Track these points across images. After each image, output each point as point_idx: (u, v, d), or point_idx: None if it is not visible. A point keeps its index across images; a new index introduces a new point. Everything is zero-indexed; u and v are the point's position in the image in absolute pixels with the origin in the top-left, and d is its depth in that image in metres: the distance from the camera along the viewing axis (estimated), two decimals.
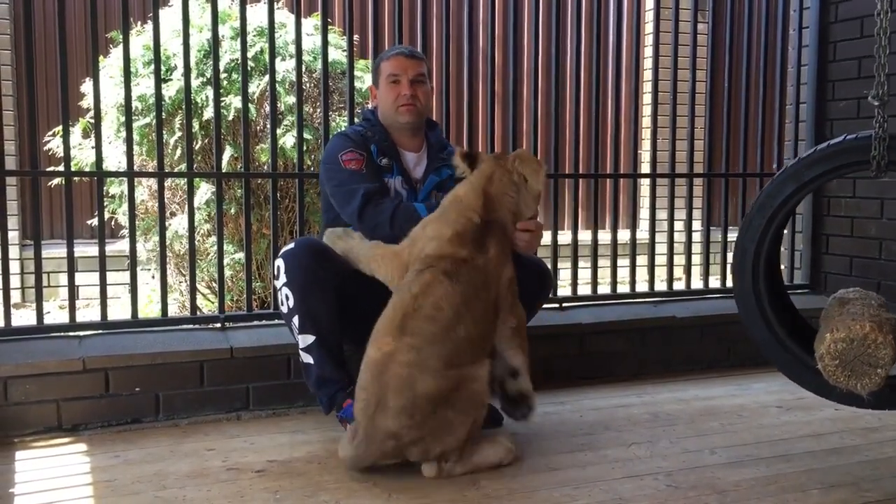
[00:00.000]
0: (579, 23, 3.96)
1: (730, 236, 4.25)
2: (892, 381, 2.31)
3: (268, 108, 3.48)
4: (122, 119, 3.41)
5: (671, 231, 4.10)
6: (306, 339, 2.70)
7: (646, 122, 6.45)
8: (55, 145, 4.29)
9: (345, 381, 2.72)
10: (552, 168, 3.91)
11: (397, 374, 2.35)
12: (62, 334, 3.15)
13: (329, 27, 3.66)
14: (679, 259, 4.30)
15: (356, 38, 3.93)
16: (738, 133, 4.27)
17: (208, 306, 4.39)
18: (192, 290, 3.39)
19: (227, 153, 4.05)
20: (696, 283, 4.24)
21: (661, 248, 4.30)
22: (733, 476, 2.54)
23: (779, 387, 3.47)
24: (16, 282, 5.39)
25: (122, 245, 4.37)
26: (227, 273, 4.04)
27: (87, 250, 4.61)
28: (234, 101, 4.03)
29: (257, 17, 4.17)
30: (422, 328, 2.38)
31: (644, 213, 6.59)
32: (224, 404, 3.06)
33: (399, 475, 2.46)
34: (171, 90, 4.03)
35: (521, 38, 6.11)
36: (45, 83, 5.68)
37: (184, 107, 3.33)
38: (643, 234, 4.50)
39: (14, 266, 5.24)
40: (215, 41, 3.29)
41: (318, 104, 4.05)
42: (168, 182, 4.15)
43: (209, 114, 3.96)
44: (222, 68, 4.01)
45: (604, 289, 4.08)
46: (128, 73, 3.19)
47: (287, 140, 4.03)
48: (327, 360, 2.70)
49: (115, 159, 4.13)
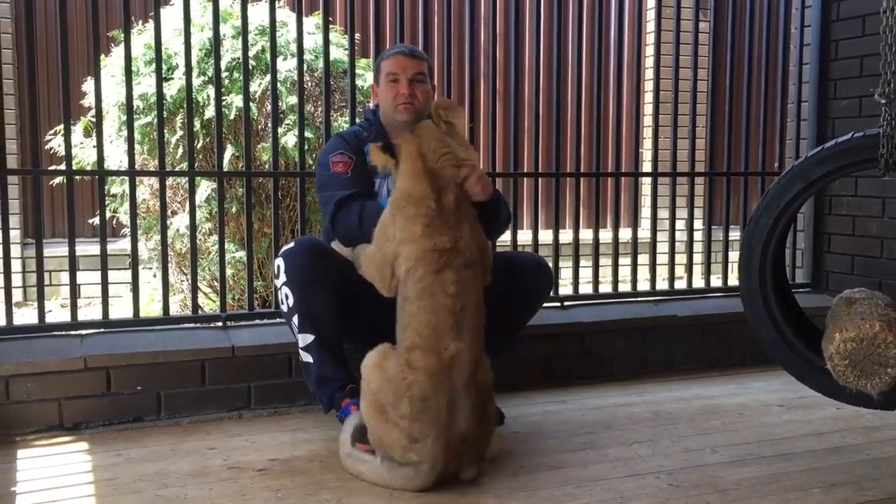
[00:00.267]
0: (580, 20, 3.96)
1: (731, 235, 4.26)
2: None
3: (269, 107, 3.48)
4: (124, 118, 3.42)
5: (673, 230, 4.09)
6: (306, 339, 2.71)
7: (647, 120, 6.44)
8: (56, 144, 4.29)
9: (345, 381, 2.73)
10: (553, 167, 3.91)
11: (463, 374, 2.35)
12: (64, 333, 3.15)
13: (330, 26, 3.66)
14: (680, 258, 4.30)
15: (357, 36, 3.93)
16: (739, 131, 4.27)
17: (210, 305, 4.39)
18: (194, 288, 3.39)
19: (229, 152, 4.06)
20: (698, 282, 4.24)
21: (662, 247, 4.30)
22: (735, 475, 2.54)
23: (780, 385, 3.47)
24: (17, 280, 5.39)
25: (123, 244, 4.37)
26: (229, 272, 4.04)
27: (88, 249, 4.61)
28: (236, 100, 4.03)
29: (258, 15, 4.17)
30: (473, 325, 2.40)
31: (645, 211, 6.55)
32: (225, 403, 3.06)
33: None
34: (172, 89, 4.03)
35: (522, 35, 6.09)
36: (46, 82, 5.67)
37: (185, 106, 3.33)
38: (645, 232, 4.48)
39: (16, 265, 5.25)
40: (217, 40, 3.29)
41: (319, 103, 4.05)
42: (169, 181, 4.15)
43: (210, 113, 3.96)
44: (224, 67, 4.01)
45: (605, 288, 4.07)
46: (129, 72, 3.20)
47: (288, 139, 4.03)
48: (327, 359, 2.71)
49: (116, 158, 4.13)
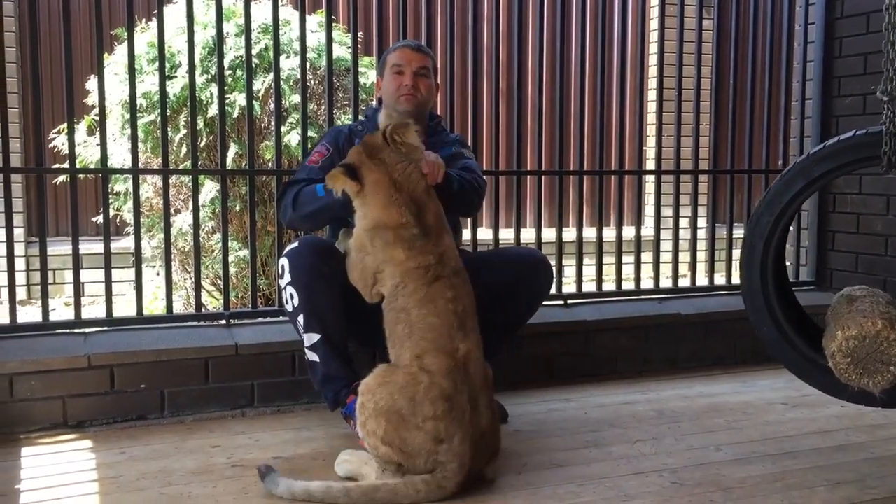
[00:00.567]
0: (584, 18, 3.96)
1: (735, 233, 4.25)
2: None
3: (272, 106, 3.48)
4: (127, 116, 3.41)
5: (676, 228, 4.09)
6: (312, 338, 2.70)
7: (651, 118, 6.43)
8: (60, 142, 4.29)
9: (350, 378, 2.72)
10: (557, 165, 3.90)
11: (477, 371, 2.38)
12: (67, 331, 3.16)
13: (333, 24, 3.66)
14: (684, 256, 4.29)
15: (360, 34, 3.93)
16: (743, 129, 4.26)
17: (213, 303, 4.39)
18: (197, 287, 3.39)
19: (232, 150, 4.06)
20: (702, 280, 4.24)
21: (666, 245, 4.29)
22: (739, 473, 2.54)
23: (784, 384, 3.46)
24: (21, 279, 5.41)
25: (127, 242, 4.38)
26: (232, 270, 4.04)
27: (92, 247, 4.63)
28: (239, 99, 4.03)
29: (262, 14, 4.17)
30: (473, 325, 2.44)
31: (649, 209, 6.57)
32: (229, 401, 3.06)
33: None
34: (175, 87, 4.03)
35: (525, 33, 6.08)
36: (49, 80, 5.67)
37: (188, 104, 3.33)
38: (648, 230, 4.48)
39: (19, 263, 5.26)
40: (220, 38, 3.29)
41: (322, 101, 4.05)
42: (173, 179, 4.16)
43: (214, 111, 3.95)
44: (227, 65, 4.01)
45: (608, 286, 4.07)
46: (132, 71, 3.20)
47: (292, 137, 4.03)
48: (333, 357, 2.70)
49: (119, 156, 4.13)
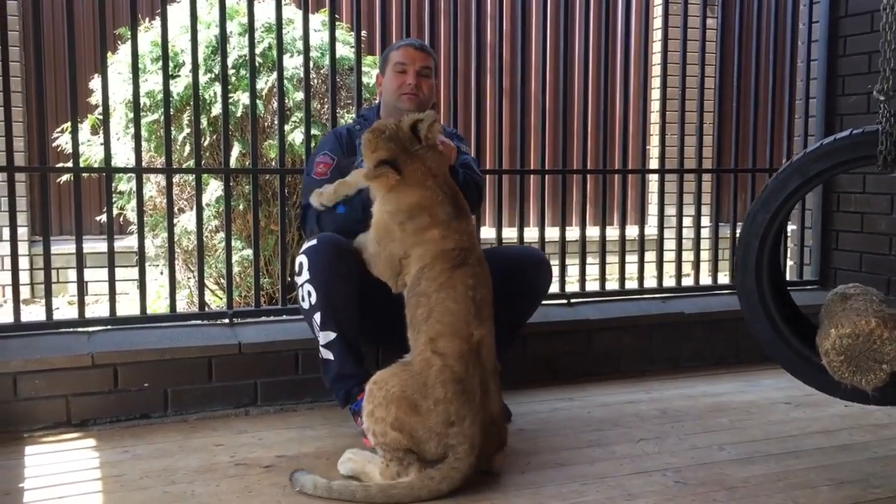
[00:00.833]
0: (587, 17, 3.94)
1: (738, 232, 4.25)
2: None
3: (276, 105, 3.49)
4: (131, 115, 3.42)
5: (680, 227, 4.09)
6: (328, 336, 2.69)
7: (654, 117, 6.43)
8: (64, 141, 4.30)
9: (362, 376, 2.71)
10: (560, 164, 3.90)
11: (489, 357, 2.41)
12: (71, 330, 3.16)
13: (337, 23, 3.66)
14: (688, 255, 4.29)
15: (364, 33, 3.93)
16: (747, 128, 4.25)
17: (216, 302, 4.40)
18: (201, 285, 3.39)
19: (236, 149, 4.06)
20: (705, 280, 4.23)
21: (669, 244, 4.29)
22: (742, 472, 2.54)
23: (788, 383, 3.45)
24: (25, 277, 5.42)
25: (130, 241, 4.39)
26: (235, 269, 4.05)
27: (95, 246, 4.63)
28: (243, 98, 4.04)
29: (265, 13, 4.18)
30: (489, 314, 2.46)
31: (652, 208, 6.57)
32: (232, 400, 3.07)
33: None
34: (179, 86, 4.04)
35: (529, 32, 6.09)
36: (53, 79, 5.69)
37: (192, 103, 3.33)
38: (652, 229, 4.49)
39: (23, 262, 5.27)
40: (223, 37, 3.29)
41: (325, 100, 4.05)
42: (176, 178, 4.17)
43: (217, 110, 3.96)
44: (230, 64, 4.01)
45: (612, 285, 4.07)
46: (136, 70, 3.20)
47: (295, 136, 4.04)
48: (347, 356, 2.70)
49: (123, 156, 4.14)
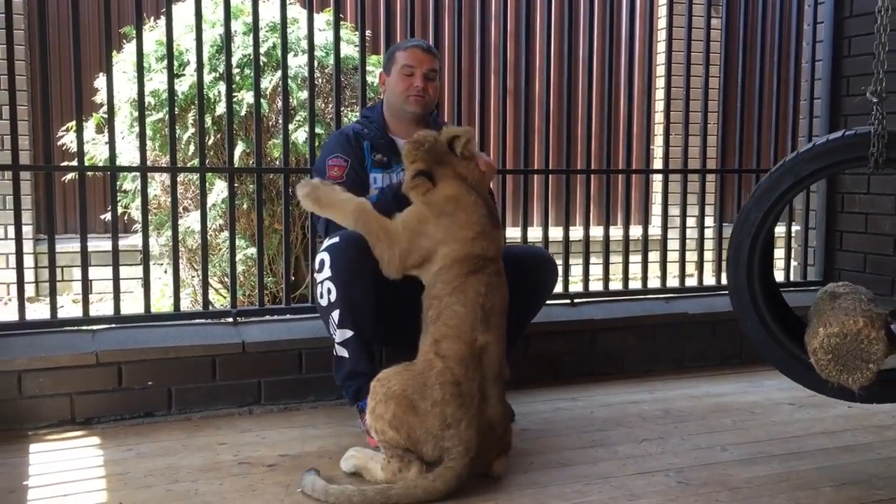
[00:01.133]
0: (592, 17, 3.94)
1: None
2: (882, 376, 2.30)
3: (280, 104, 3.49)
4: (136, 114, 3.43)
5: (683, 227, 4.08)
6: (345, 334, 2.69)
7: (658, 117, 6.43)
8: (69, 140, 4.31)
9: (373, 374, 2.72)
10: (564, 164, 3.91)
11: (492, 363, 2.42)
12: (76, 328, 3.17)
13: (341, 22, 3.67)
14: (691, 255, 4.29)
15: (368, 33, 3.93)
16: (751, 129, 4.25)
17: (220, 301, 4.40)
18: (205, 284, 3.40)
19: (240, 148, 4.07)
20: (709, 280, 4.23)
21: (673, 245, 4.29)
22: (745, 473, 2.54)
23: (791, 384, 3.40)
24: (30, 276, 5.43)
25: (135, 240, 4.40)
26: (240, 268, 4.06)
27: (100, 245, 4.63)
28: (247, 97, 4.05)
29: (270, 12, 4.18)
30: (499, 322, 2.48)
31: (656, 208, 6.57)
32: (236, 399, 3.07)
33: None
34: (183, 85, 4.05)
35: (533, 32, 6.08)
36: (58, 78, 5.70)
37: (196, 102, 3.34)
38: (655, 229, 4.49)
39: (28, 260, 5.29)
40: (228, 36, 3.30)
41: (330, 99, 4.05)
42: (181, 177, 4.18)
43: (222, 109, 3.97)
44: (235, 64, 4.02)
45: (615, 285, 4.07)
46: (141, 69, 3.21)
47: (299, 135, 4.04)
48: (362, 355, 2.70)
49: (128, 154, 4.15)
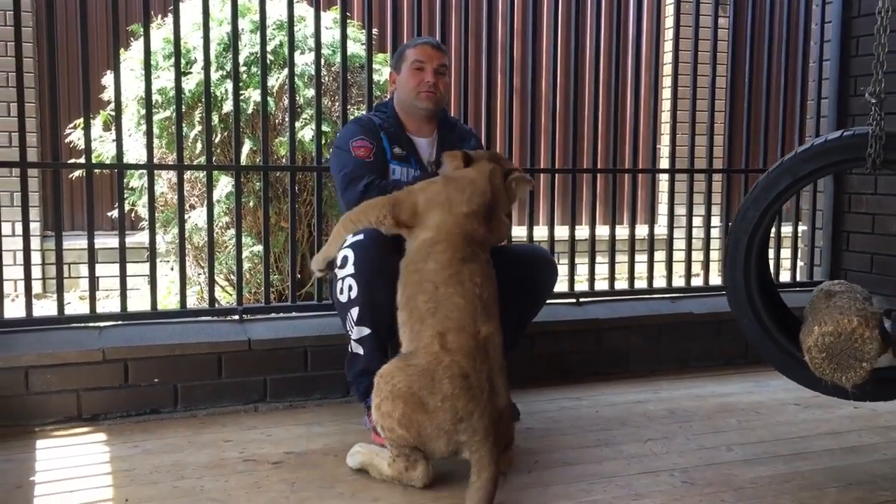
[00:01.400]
0: (599, 16, 3.94)
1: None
2: (875, 374, 2.31)
3: (287, 102, 3.50)
4: (143, 112, 3.44)
5: (690, 227, 4.08)
6: (362, 331, 2.69)
7: (665, 116, 6.41)
8: (76, 137, 4.33)
9: None
10: (570, 162, 3.91)
11: (497, 353, 2.42)
12: (82, 325, 3.18)
13: (348, 21, 3.67)
14: (697, 255, 4.28)
15: (375, 31, 3.94)
16: (758, 128, 4.24)
17: (226, 298, 4.41)
18: (211, 282, 3.41)
19: (246, 146, 4.08)
20: (714, 280, 4.22)
21: (679, 244, 4.28)
22: (750, 473, 2.54)
23: (796, 384, 3.44)
24: (37, 272, 5.45)
25: (141, 237, 4.40)
26: (246, 265, 4.06)
27: (107, 242, 4.66)
28: (254, 95, 4.06)
29: (277, 10, 4.19)
30: (496, 312, 2.49)
31: (662, 208, 6.56)
32: (242, 396, 3.08)
33: None
34: (191, 83, 4.06)
35: (540, 31, 6.08)
36: (66, 76, 5.72)
37: (203, 100, 3.35)
38: (661, 229, 4.48)
39: (35, 257, 5.30)
40: (235, 34, 3.31)
41: (336, 97, 4.06)
42: (187, 175, 4.19)
43: (229, 107, 3.98)
44: (242, 62, 4.03)
45: (621, 284, 4.06)
46: (148, 66, 3.22)
47: (305, 133, 4.05)
48: (377, 354, 2.69)
49: (135, 152, 4.16)
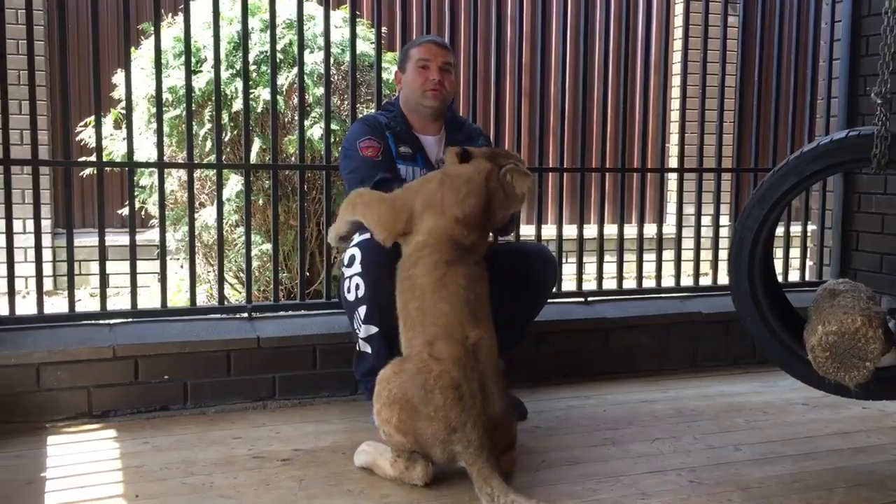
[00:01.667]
0: (608, 16, 3.95)
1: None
2: (878, 373, 2.31)
3: (296, 100, 3.51)
4: (153, 110, 3.45)
5: (698, 226, 4.07)
6: (369, 330, 2.71)
7: (674, 115, 6.40)
8: (87, 136, 4.35)
9: None
10: (579, 162, 3.91)
11: (489, 359, 2.39)
12: (93, 322, 3.20)
13: (357, 19, 3.68)
14: (706, 254, 4.27)
15: (384, 30, 3.95)
16: (767, 127, 4.22)
17: (236, 296, 4.43)
18: (220, 280, 3.42)
19: (256, 145, 4.09)
20: (723, 279, 4.20)
21: (687, 244, 4.27)
22: (758, 473, 2.53)
23: (804, 384, 3.43)
24: (48, 270, 5.48)
25: (151, 235, 4.43)
26: (255, 264, 4.07)
27: (117, 239, 4.69)
28: (263, 93, 4.07)
29: (286, 9, 4.20)
30: (486, 314, 2.46)
31: (671, 207, 6.55)
32: (251, 393, 3.10)
33: None
34: (200, 82, 4.07)
35: (549, 31, 6.07)
36: (77, 74, 5.75)
37: (213, 98, 3.36)
38: (670, 228, 4.47)
39: (46, 254, 5.33)
40: (245, 33, 3.32)
41: (345, 96, 4.07)
42: (197, 173, 4.20)
43: (238, 105, 3.99)
44: (251, 60, 4.04)
45: (629, 283, 4.06)
46: (159, 65, 3.23)
47: (315, 132, 4.06)
48: (385, 353, 2.69)
49: (145, 150, 4.18)
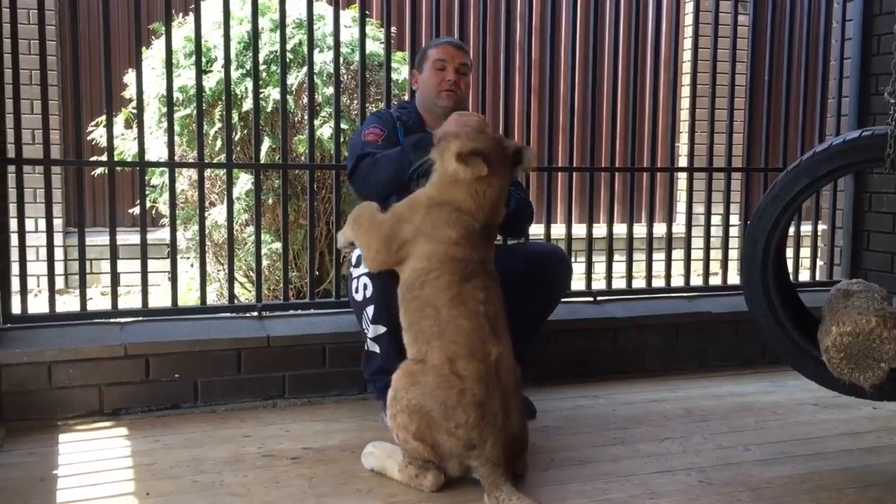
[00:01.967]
0: (618, 14, 3.94)
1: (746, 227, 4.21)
2: (893, 374, 2.30)
3: (306, 100, 3.51)
4: (164, 110, 3.46)
5: (708, 226, 4.06)
6: (378, 330, 2.72)
7: (684, 115, 6.38)
8: (98, 135, 4.37)
9: None
10: (588, 161, 3.90)
11: (509, 374, 2.37)
12: (104, 321, 3.22)
13: (367, 19, 3.68)
14: (716, 254, 4.26)
15: (394, 30, 3.95)
16: (777, 127, 4.21)
17: (245, 295, 4.45)
18: (231, 279, 3.43)
19: (266, 144, 4.10)
20: (733, 279, 4.20)
21: (697, 243, 4.26)
22: (767, 473, 2.53)
23: (815, 385, 3.42)
24: (60, 268, 5.51)
25: (162, 234, 4.45)
26: (265, 263, 4.09)
27: (128, 238, 4.71)
28: (273, 93, 4.08)
29: (296, 9, 4.21)
30: (505, 327, 2.44)
31: (681, 206, 6.53)
32: (260, 392, 3.11)
33: None
34: (211, 81, 4.09)
35: (558, 29, 6.07)
36: (88, 74, 5.78)
37: (224, 98, 3.37)
38: (679, 228, 4.46)
39: (58, 253, 5.36)
40: (255, 33, 3.33)
41: (355, 96, 4.08)
42: (207, 172, 4.22)
43: (248, 105, 4.01)
44: (262, 60, 4.06)
45: (639, 283, 4.06)
46: (169, 65, 3.25)
47: (324, 131, 4.07)
48: (393, 352, 2.69)
49: (156, 150, 4.20)
